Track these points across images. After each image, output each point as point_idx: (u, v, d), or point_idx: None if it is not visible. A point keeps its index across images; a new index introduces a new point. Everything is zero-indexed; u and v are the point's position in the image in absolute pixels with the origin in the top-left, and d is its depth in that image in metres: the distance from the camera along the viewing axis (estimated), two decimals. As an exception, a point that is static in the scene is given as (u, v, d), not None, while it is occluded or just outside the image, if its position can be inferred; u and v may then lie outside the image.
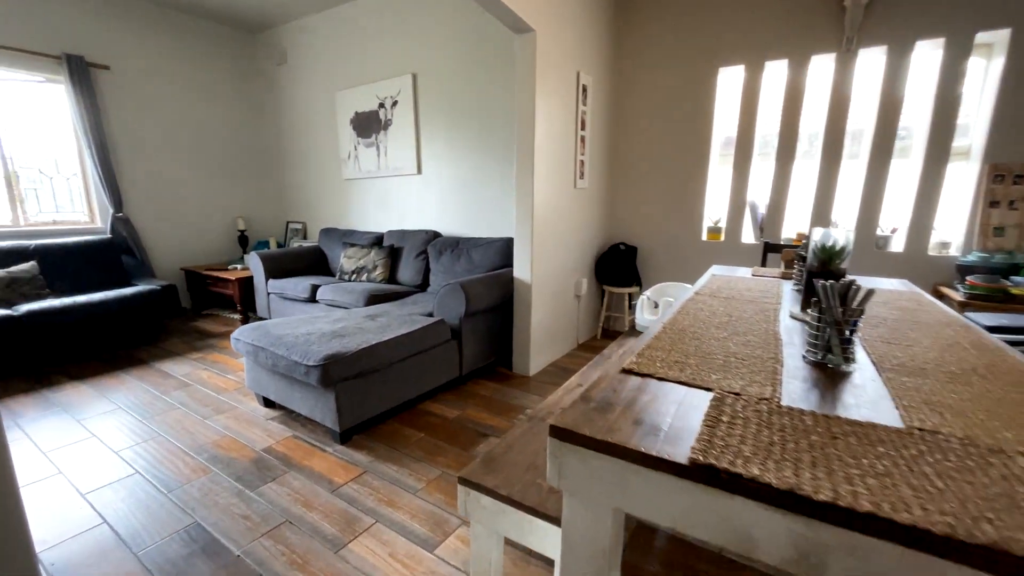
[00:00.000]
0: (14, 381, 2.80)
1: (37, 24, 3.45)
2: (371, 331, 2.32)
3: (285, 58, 4.53)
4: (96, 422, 2.29)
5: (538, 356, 2.98)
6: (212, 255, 4.69)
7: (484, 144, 3.44)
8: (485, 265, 3.15)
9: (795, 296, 1.72)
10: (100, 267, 3.61)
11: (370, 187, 4.21)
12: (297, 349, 2.06)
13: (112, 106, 3.88)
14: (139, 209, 4.11)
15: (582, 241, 3.37)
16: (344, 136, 4.23)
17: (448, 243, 3.41)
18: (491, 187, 3.47)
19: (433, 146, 3.71)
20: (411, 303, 3.04)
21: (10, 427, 2.24)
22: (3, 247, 3.25)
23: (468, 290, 2.56)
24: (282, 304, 3.74)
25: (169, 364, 3.07)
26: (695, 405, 0.87)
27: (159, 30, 4.09)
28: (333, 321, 2.49)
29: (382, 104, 3.89)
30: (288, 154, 4.85)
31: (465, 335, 2.65)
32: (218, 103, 4.57)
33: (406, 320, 2.52)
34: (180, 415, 2.36)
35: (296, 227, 4.93)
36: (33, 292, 3.20)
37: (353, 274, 3.68)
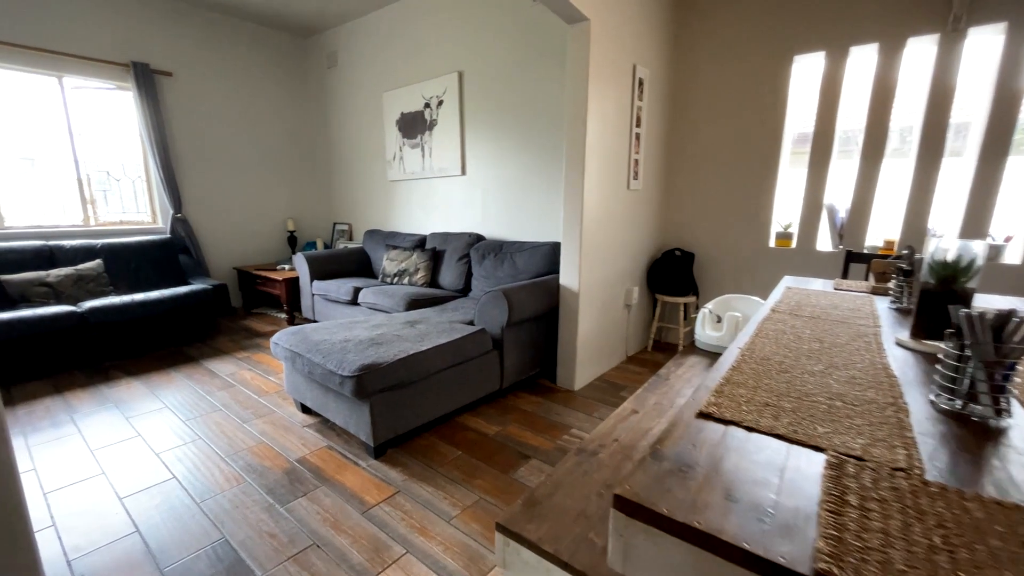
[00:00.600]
0: (76, 374, 2.92)
1: (108, 34, 3.63)
2: (409, 339, 2.21)
3: (335, 60, 4.57)
4: (143, 421, 2.32)
5: (584, 369, 2.78)
6: (263, 255, 4.81)
7: (530, 144, 3.29)
8: (530, 271, 2.98)
9: (896, 317, 1.45)
10: (159, 266, 3.75)
11: (414, 188, 4.16)
12: (333, 357, 1.98)
13: (174, 111, 4.03)
14: (196, 210, 4.26)
15: (634, 247, 3.14)
16: (390, 137, 4.20)
17: (491, 247, 3.27)
18: (537, 189, 3.31)
19: (478, 146, 3.59)
20: (452, 309, 2.92)
21: (65, 422, 2.30)
22: (74, 246, 3.43)
23: (511, 298, 2.40)
24: (325, 305, 3.74)
25: (216, 363, 3.12)
26: (805, 472, 0.67)
27: (217, 37, 4.22)
28: (371, 327, 2.41)
29: (427, 104, 3.82)
30: (336, 156, 4.90)
31: (507, 346, 2.50)
32: (271, 107, 4.68)
33: (446, 328, 2.39)
34: (221, 418, 2.35)
35: (342, 228, 4.97)
36: (98, 289, 3.35)
37: (395, 277, 3.63)
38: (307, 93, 4.96)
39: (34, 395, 2.61)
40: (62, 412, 2.40)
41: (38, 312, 2.78)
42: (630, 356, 3.32)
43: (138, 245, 3.68)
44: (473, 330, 2.35)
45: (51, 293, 3.14)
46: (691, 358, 2.17)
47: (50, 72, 3.45)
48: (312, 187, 5.14)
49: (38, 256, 3.27)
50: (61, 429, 2.23)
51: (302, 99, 4.93)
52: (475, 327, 2.41)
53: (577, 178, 2.49)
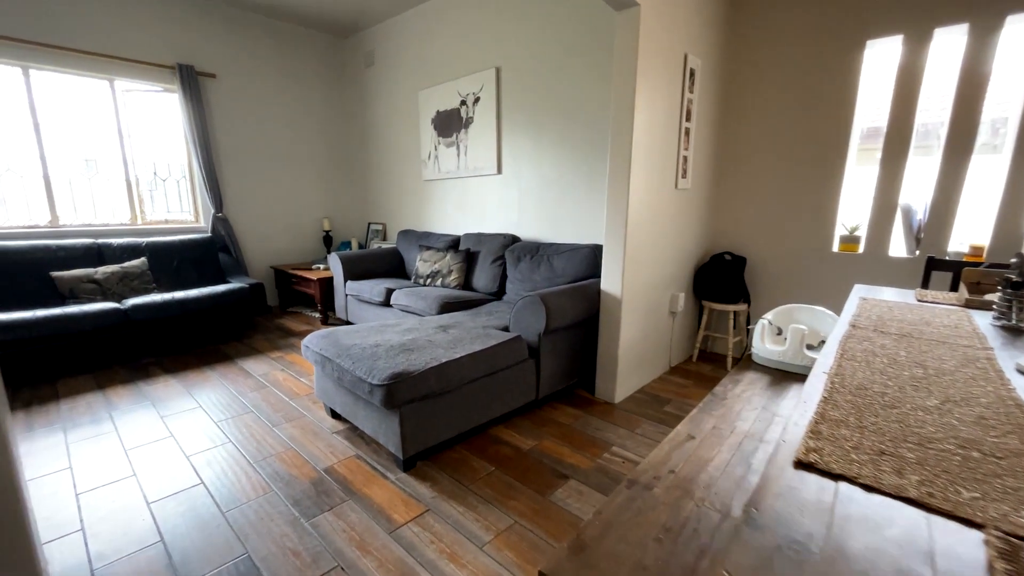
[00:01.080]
0: (118, 370, 2.98)
1: (156, 38, 3.72)
2: (441, 345, 2.10)
3: (372, 59, 4.55)
4: (177, 421, 2.31)
5: (625, 380, 2.60)
6: (299, 254, 4.85)
7: (570, 141, 3.13)
8: (568, 274, 2.83)
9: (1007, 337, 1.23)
10: (199, 264, 3.81)
11: (449, 188, 4.08)
12: (363, 363, 1.89)
13: (216, 112, 4.10)
14: (236, 209, 4.33)
15: (680, 250, 2.93)
16: (425, 136, 4.14)
17: (527, 248, 3.14)
18: (576, 188, 3.15)
19: (515, 144, 3.46)
20: (485, 313, 2.81)
21: (104, 419, 2.32)
22: (120, 244, 3.52)
23: (549, 304, 2.26)
24: (358, 306, 3.71)
25: (250, 362, 3.12)
26: (965, 560, 0.51)
27: (259, 38, 4.27)
28: (403, 331, 2.32)
29: (464, 101, 3.72)
30: (372, 156, 4.89)
31: (544, 354, 2.35)
32: (310, 107, 4.72)
33: (479, 334, 2.27)
34: (251, 420, 2.32)
35: (376, 228, 4.95)
36: (141, 287, 3.42)
37: (428, 278, 3.55)
38: (345, 93, 4.97)
39: (78, 390, 2.66)
40: (102, 408, 2.43)
41: (84, 308, 2.85)
42: (673, 367, 3.11)
43: (180, 244, 3.75)
44: (508, 337, 2.22)
45: (98, 290, 3.22)
46: (748, 374, 1.96)
47: (102, 75, 3.56)
48: (348, 187, 5.16)
49: (87, 254, 3.37)
50: (100, 426, 2.25)
51: (340, 99, 4.95)
52: (510, 334, 2.28)
53: (622, 176, 2.32)
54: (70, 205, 3.59)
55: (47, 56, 3.31)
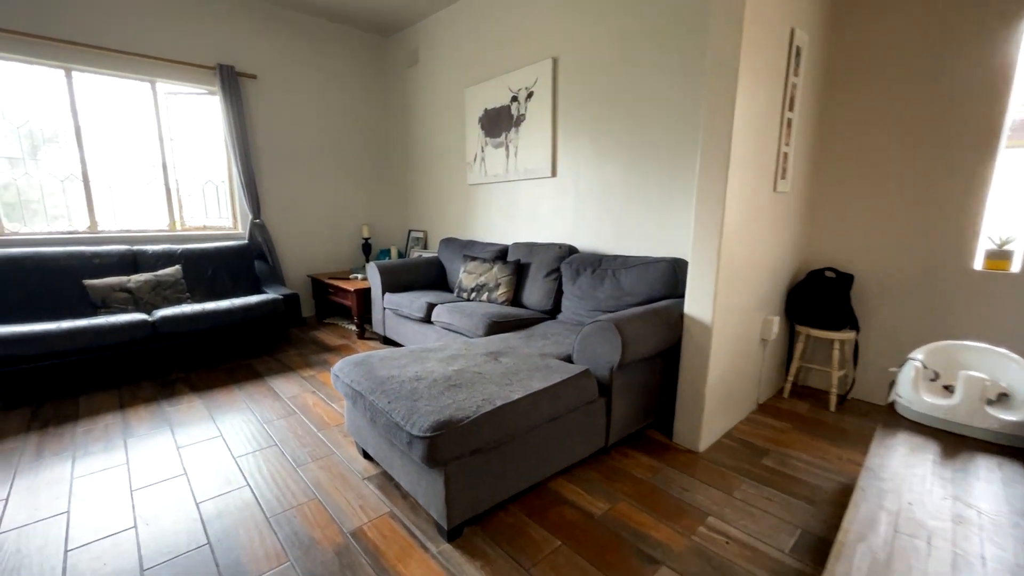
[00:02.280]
0: (144, 385, 2.78)
1: (197, 38, 3.59)
2: (493, 379, 1.73)
3: (416, 58, 4.30)
4: (194, 453, 2.04)
5: (712, 423, 2.14)
6: (337, 262, 4.63)
7: (639, 138, 2.71)
8: (639, 293, 2.40)
9: None
10: (234, 273, 3.63)
11: (496, 193, 3.73)
12: (401, 404, 1.54)
13: (256, 114, 3.94)
14: (274, 215, 4.15)
15: (775, 265, 2.45)
16: (471, 137, 3.82)
17: (588, 261, 2.73)
18: (644, 193, 2.72)
19: (572, 144, 3.08)
20: (540, 335, 2.42)
21: (117, 446, 2.08)
22: (156, 251, 3.37)
23: (625, 331, 1.84)
24: (397, 321, 3.40)
25: (280, 381, 2.86)
26: None
27: (301, 38, 4.10)
28: (447, 359, 1.96)
29: (515, 97, 3.37)
30: (414, 159, 4.62)
31: (616, 392, 1.93)
32: (351, 109, 4.51)
33: (538, 365, 1.89)
34: (274, 457, 2.02)
35: (417, 236, 4.68)
36: (174, 296, 3.25)
37: (472, 292, 3.20)
38: (387, 94, 4.75)
39: (99, 409, 2.46)
40: (118, 434, 2.20)
41: (111, 320, 2.67)
42: (762, 404, 2.60)
43: (215, 251, 3.58)
44: (574, 371, 1.82)
45: (130, 299, 3.06)
46: (902, 436, 1.48)
47: (143, 77, 3.45)
48: (388, 192, 4.92)
49: (122, 261, 3.23)
50: (111, 456, 2.01)
51: (382, 101, 4.73)
52: (576, 367, 1.87)
53: (717, 178, 1.88)
54: (109, 210, 3.49)
55: (89, 57, 3.21)
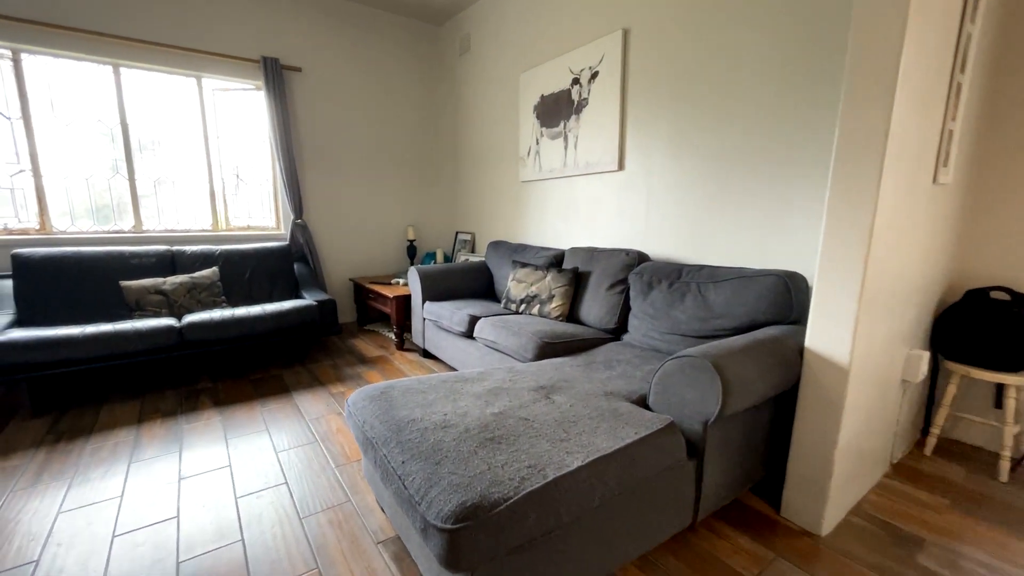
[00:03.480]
0: (168, 395, 2.60)
1: (242, 30, 3.44)
2: (544, 431, 1.29)
3: (468, 44, 3.95)
4: (194, 488, 1.76)
5: (839, 496, 1.57)
6: (381, 266, 4.38)
7: (731, 123, 2.17)
8: (733, 316, 1.87)
9: None
10: (273, 275, 3.44)
11: (552, 190, 3.29)
12: (417, 467, 1.14)
13: (300, 109, 3.76)
14: (316, 215, 3.96)
15: (925, 283, 1.83)
16: (525, 128, 3.41)
17: (664, 272, 2.22)
18: (740, 186, 2.18)
19: (645, 130, 2.58)
20: (602, 363, 1.95)
21: (118, 472, 1.85)
22: (194, 251, 3.24)
23: (727, 372, 1.34)
24: (436, 333, 3.05)
25: (307, 398, 2.58)
26: None
27: (348, 28, 3.88)
28: (487, 394, 1.55)
29: (576, 79, 2.92)
30: (463, 156, 4.29)
31: (710, 452, 1.43)
32: (398, 104, 4.25)
33: (604, 412, 1.43)
34: (281, 499, 1.69)
35: (464, 239, 4.33)
36: (209, 299, 3.08)
37: (522, 303, 2.78)
38: (436, 86, 4.45)
39: (115, 423, 2.28)
40: (124, 457, 1.98)
41: (136, 326, 2.50)
42: (896, 463, 1.98)
43: (254, 252, 3.41)
44: (655, 425, 1.34)
45: (164, 302, 2.92)
46: None
47: (189, 72, 3.34)
48: (436, 191, 4.62)
49: (161, 261, 3.11)
50: (107, 484, 1.77)
51: (430, 94, 4.43)
52: (655, 417, 1.39)
53: (867, 160, 1.33)
54: (154, 209, 3.41)
55: (137, 52, 3.12)
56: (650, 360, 1.99)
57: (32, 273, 2.71)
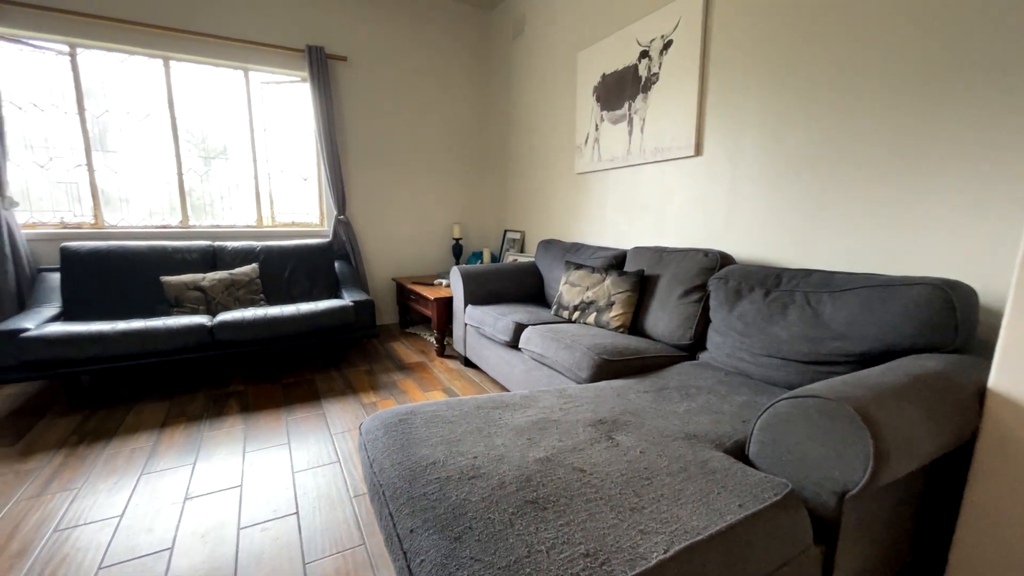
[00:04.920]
0: (198, 397, 2.47)
1: (285, 16, 3.33)
2: (607, 492, 0.94)
3: (522, 27, 3.64)
4: (196, 511, 1.55)
5: (1034, 607, 1.09)
6: (425, 265, 4.16)
7: (854, 86, 1.70)
8: (860, 336, 1.40)
9: None
10: (312, 273, 3.29)
11: (612, 182, 2.90)
12: (429, 541, 0.82)
13: (345, 100, 3.61)
14: (360, 211, 3.79)
15: None
16: (583, 113, 3.04)
17: (756, 277, 1.78)
18: (865, 171, 1.69)
19: (730, 106, 2.14)
20: (677, 389, 1.55)
21: (125, 487, 1.68)
22: (236, 247, 3.14)
23: (880, 424, 0.91)
24: (479, 341, 2.75)
25: (337, 408, 2.36)
26: None
27: (395, 14, 3.69)
28: (530, 429, 1.21)
29: (645, 52, 2.52)
30: (514, 148, 3.98)
31: (846, 534, 1.00)
32: (447, 94, 4.02)
33: (686, 464, 1.05)
34: (287, 534, 1.44)
35: (513, 237, 4.02)
36: (247, 297, 2.97)
37: (576, 311, 2.41)
38: (487, 75, 4.18)
39: (139, 426, 2.15)
40: (137, 467, 1.82)
41: (167, 323, 2.39)
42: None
43: (295, 249, 3.27)
44: (767, 496, 0.94)
45: (202, 299, 2.82)
46: None
47: (237, 64, 3.27)
48: (484, 187, 4.34)
49: (203, 257, 3.03)
50: (111, 500, 1.60)
51: (481, 82, 4.16)
52: (767, 483, 0.99)
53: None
54: (200, 204, 3.36)
55: (186, 44, 3.07)
56: (739, 389, 1.56)
57: (78, 267, 2.69)
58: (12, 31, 2.69)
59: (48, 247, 2.90)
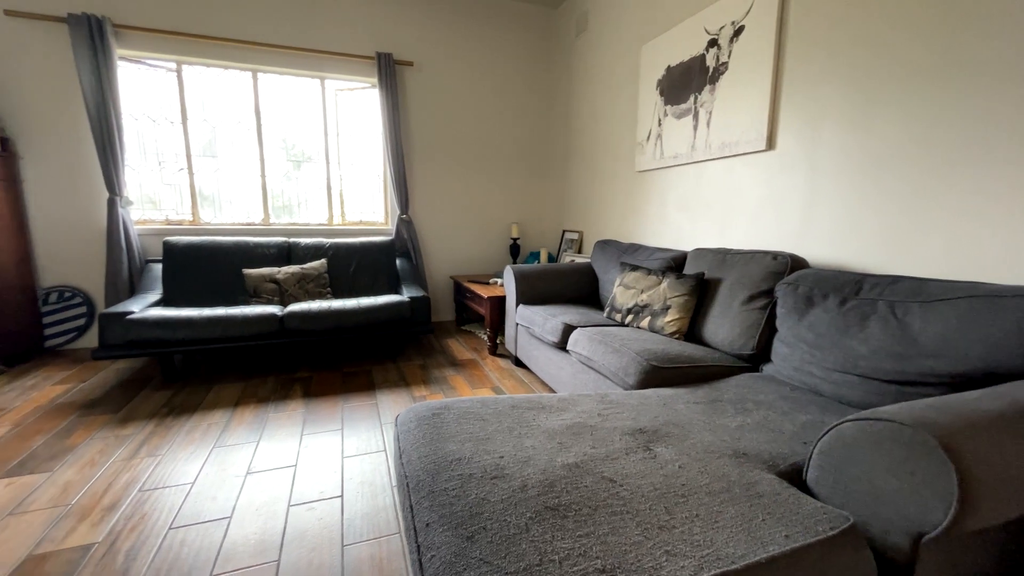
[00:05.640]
0: (269, 381, 2.67)
1: (357, 25, 3.52)
2: (634, 506, 0.88)
3: (585, 24, 3.58)
4: (253, 488, 1.68)
5: None
6: (483, 264, 4.22)
7: (951, 83, 1.46)
8: (955, 355, 1.20)
9: None
10: (374, 270, 3.45)
11: (674, 180, 2.76)
12: (443, 537, 0.81)
13: (411, 103, 3.75)
14: (422, 210, 3.92)
15: None
16: (645, 108, 2.92)
17: (832, 283, 1.59)
18: (964, 173, 1.46)
19: (807, 94, 1.94)
20: (733, 403, 1.43)
21: (199, 457, 1.85)
22: (308, 244, 3.37)
23: (969, 459, 0.77)
24: (528, 341, 2.73)
25: (389, 399, 2.45)
26: None
27: (460, 17, 3.78)
28: (564, 432, 1.17)
29: (714, 40, 2.36)
30: (574, 147, 3.91)
31: (923, 585, 0.86)
32: (509, 93, 4.04)
33: (729, 484, 0.95)
34: (330, 515, 1.51)
35: (572, 238, 3.95)
36: (315, 290, 3.17)
37: (629, 314, 2.31)
38: (549, 74, 4.15)
39: (217, 403, 2.37)
40: (211, 441, 2.00)
41: (244, 311, 2.61)
42: None
43: (359, 247, 3.45)
44: (822, 531, 0.83)
45: (277, 290, 3.06)
46: None
47: (314, 73, 3.51)
48: (543, 187, 4.32)
49: (279, 252, 3.29)
50: (186, 468, 1.77)
51: (543, 82, 4.14)
52: (823, 514, 0.87)
53: None
54: (280, 204, 3.65)
55: (271, 56, 3.35)
56: (805, 406, 1.40)
57: (177, 259, 3.03)
58: (132, 52, 3.09)
59: (154, 241, 3.29)
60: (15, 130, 2.91)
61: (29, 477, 1.71)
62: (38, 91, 2.91)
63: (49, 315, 3.10)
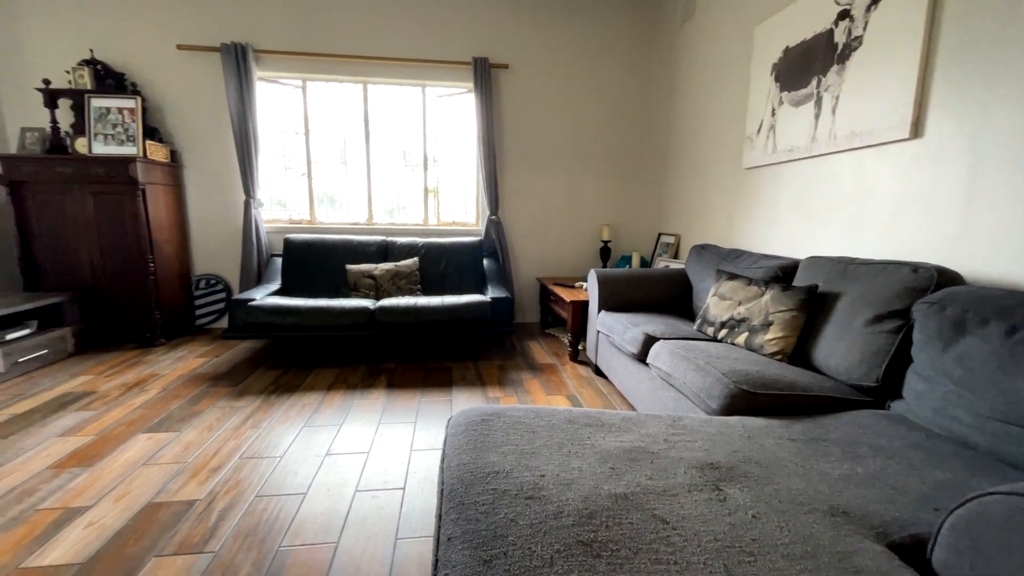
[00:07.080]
0: (359, 370, 2.87)
1: (455, 31, 3.64)
2: (686, 556, 0.74)
3: (693, 8, 3.29)
4: (329, 469, 1.79)
5: None
6: (571, 266, 4.11)
7: None
8: None
9: None
10: (462, 269, 3.54)
11: (789, 177, 2.41)
12: (462, 558, 0.76)
13: (505, 105, 3.79)
14: (511, 211, 3.94)
15: None
16: (757, 97, 2.59)
17: (994, 306, 1.24)
18: None
19: (970, 69, 1.54)
20: (839, 443, 1.17)
21: (291, 434, 2.04)
22: (403, 243, 3.57)
23: None
24: (608, 350, 2.57)
25: (463, 397, 2.48)
26: None
27: (555, 16, 3.72)
28: (616, 459, 1.05)
29: (846, 11, 2.01)
30: (675, 144, 3.63)
31: None
32: (606, 91, 3.88)
33: (817, 549, 0.77)
34: (387, 510, 1.55)
35: (667, 242, 3.67)
36: (407, 287, 3.35)
37: (723, 328, 2.06)
38: (650, 68, 3.90)
39: (314, 386, 2.60)
40: (302, 420, 2.20)
41: (341, 303, 2.84)
42: None
43: (450, 246, 3.57)
44: (946, 633, 0.62)
45: (373, 285, 3.29)
46: None
47: (416, 83, 3.71)
48: (639, 188, 4.08)
49: (378, 250, 3.53)
50: (278, 442, 1.96)
51: (643, 76, 3.91)
52: (951, 609, 0.65)
53: None
54: (381, 204, 3.93)
55: (380, 69, 3.62)
56: (944, 460, 1.10)
57: (294, 254, 3.40)
58: (268, 73, 3.55)
59: (278, 238, 3.74)
60: (181, 144, 3.51)
61: (164, 434, 2.02)
62: (196, 111, 3.48)
63: (199, 298, 3.68)
